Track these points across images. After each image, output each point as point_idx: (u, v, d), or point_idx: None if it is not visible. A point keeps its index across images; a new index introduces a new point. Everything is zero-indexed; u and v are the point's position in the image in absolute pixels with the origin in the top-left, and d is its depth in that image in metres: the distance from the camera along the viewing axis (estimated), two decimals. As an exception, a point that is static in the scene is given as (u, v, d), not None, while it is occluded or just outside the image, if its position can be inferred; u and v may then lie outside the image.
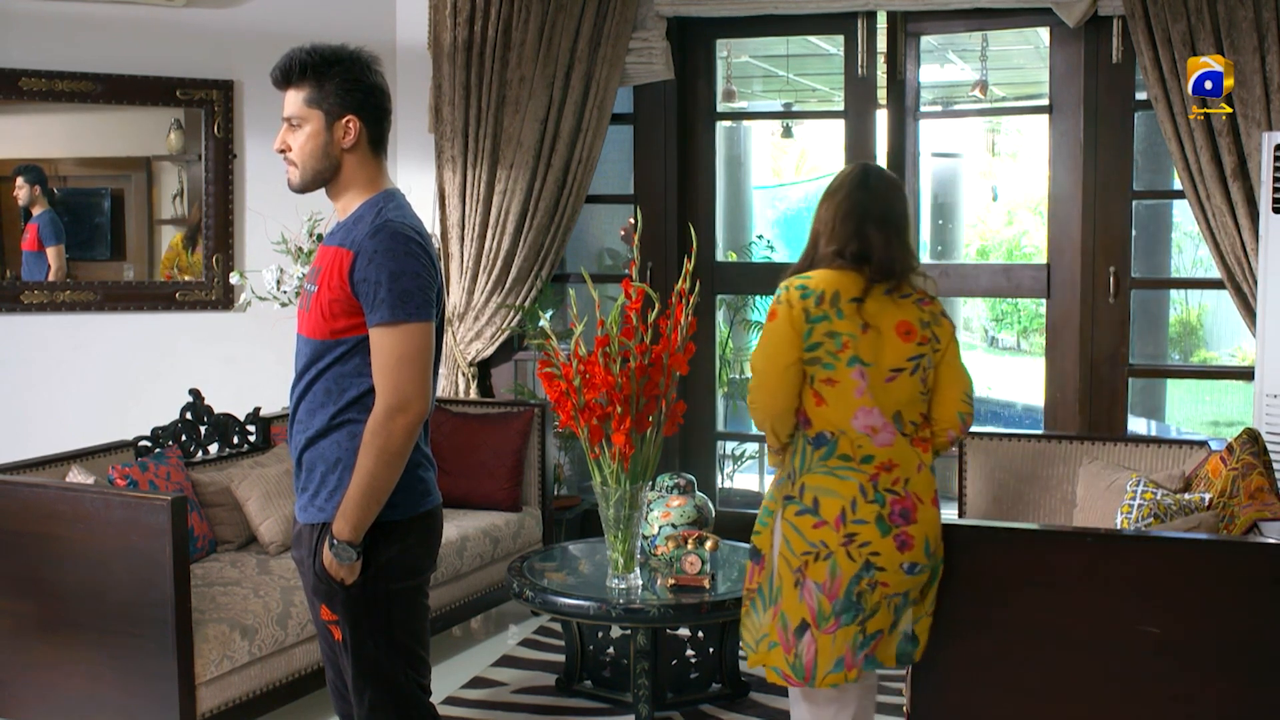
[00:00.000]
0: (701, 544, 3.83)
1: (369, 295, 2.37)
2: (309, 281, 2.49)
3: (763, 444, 7.13)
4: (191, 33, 5.27)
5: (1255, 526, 2.88)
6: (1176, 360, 7.32)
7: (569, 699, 4.02)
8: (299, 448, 2.49)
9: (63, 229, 5.21)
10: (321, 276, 2.43)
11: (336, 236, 2.47)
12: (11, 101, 5.04)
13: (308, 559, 2.48)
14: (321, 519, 2.44)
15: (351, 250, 2.40)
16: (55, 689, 3.39)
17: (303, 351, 2.48)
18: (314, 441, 2.46)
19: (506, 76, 5.41)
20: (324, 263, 2.45)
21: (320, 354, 2.44)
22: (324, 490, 2.45)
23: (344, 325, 2.41)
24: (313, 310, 2.44)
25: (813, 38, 7.00)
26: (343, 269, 2.39)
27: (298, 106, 2.48)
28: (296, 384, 2.50)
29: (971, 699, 2.90)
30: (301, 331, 2.48)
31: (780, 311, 2.81)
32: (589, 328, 3.61)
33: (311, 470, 2.47)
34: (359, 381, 2.42)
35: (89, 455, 3.93)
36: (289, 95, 2.49)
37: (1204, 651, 2.72)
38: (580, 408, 3.50)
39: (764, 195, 10.25)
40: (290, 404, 2.53)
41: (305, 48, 2.48)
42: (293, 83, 2.48)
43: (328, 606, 2.47)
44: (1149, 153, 5.45)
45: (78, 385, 5.17)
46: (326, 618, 2.48)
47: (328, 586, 2.45)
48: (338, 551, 2.39)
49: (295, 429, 2.50)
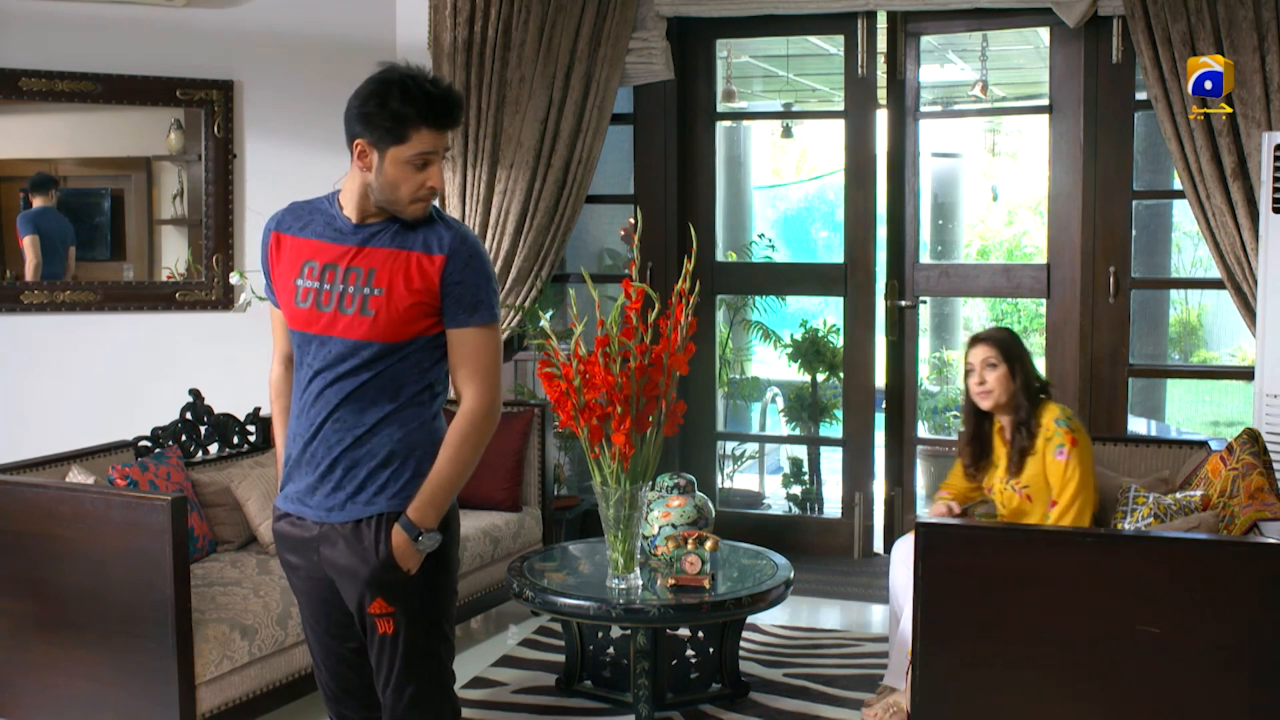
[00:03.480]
0: (701, 544, 3.83)
1: (465, 297, 2.44)
2: (355, 284, 2.44)
3: (762, 444, 7.14)
4: (191, 33, 5.27)
5: (1255, 526, 2.88)
6: (1176, 360, 7.33)
7: (569, 699, 4.02)
8: (341, 446, 2.47)
9: (48, 222, 5.18)
10: (389, 279, 2.43)
11: (385, 237, 2.46)
12: (11, 101, 5.04)
13: (365, 551, 2.46)
14: (386, 510, 2.47)
15: (441, 254, 2.43)
16: (55, 689, 3.39)
17: (346, 353, 2.45)
18: (363, 440, 2.46)
19: (506, 76, 5.41)
20: (385, 265, 2.44)
21: (381, 355, 2.44)
22: (393, 484, 2.47)
23: (422, 326, 2.45)
24: (380, 314, 2.42)
25: (813, 38, 7.00)
26: (428, 271, 2.42)
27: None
28: (334, 384, 2.46)
29: (971, 699, 2.90)
30: (350, 335, 2.44)
31: (1082, 435, 3.64)
32: (589, 328, 3.61)
33: (354, 467, 2.47)
34: (416, 378, 2.48)
35: (89, 455, 3.92)
36: (447, 134, 2.46)
37: (1204, 651, 2.72)
38: (580, 408, 3.50)
39: (764, 195, 10.26)
40: (317, 404, 2.48)
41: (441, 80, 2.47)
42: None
43: (384, 599, 2.48)
44: (1149, 153, 5.45)
45: (78, 385, 5.17)
46: (381, 610, 2.48)
47: (393, 577, 2.47)
48: (424, 540, 2.44)
49: (334, 428, 2.47)
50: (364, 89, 2.41)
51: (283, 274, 2.51)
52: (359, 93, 2.41)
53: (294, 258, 2.50)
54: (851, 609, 5.05)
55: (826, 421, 6.55)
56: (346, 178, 2.51)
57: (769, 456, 7.26)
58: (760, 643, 4.52)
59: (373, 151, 2.40)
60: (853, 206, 5.62)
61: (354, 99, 2.42)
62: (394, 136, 2.38)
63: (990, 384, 3.69)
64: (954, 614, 2.88)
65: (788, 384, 7.04)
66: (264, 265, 2.57)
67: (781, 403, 7.09)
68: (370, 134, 2.39)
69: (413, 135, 2.38)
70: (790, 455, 6.60)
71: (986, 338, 3.77)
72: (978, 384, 3.72)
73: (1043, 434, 3.63)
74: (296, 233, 2.52)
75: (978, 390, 3.73)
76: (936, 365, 8.39)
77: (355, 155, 2.43)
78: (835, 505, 5.87)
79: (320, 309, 2.45)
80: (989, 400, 3.71)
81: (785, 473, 6.41)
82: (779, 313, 6.95)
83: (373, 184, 2.43)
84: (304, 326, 2.48)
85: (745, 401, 7.35)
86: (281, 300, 2.53)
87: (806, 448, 6.53)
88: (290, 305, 2.49)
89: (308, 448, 2.50)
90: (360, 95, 2.41)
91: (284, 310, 2.53)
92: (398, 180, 2.41)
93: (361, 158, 2.42)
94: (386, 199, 2.43)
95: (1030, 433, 3.65)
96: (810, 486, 6.33)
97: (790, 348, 6.58)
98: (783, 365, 6.82)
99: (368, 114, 2.38)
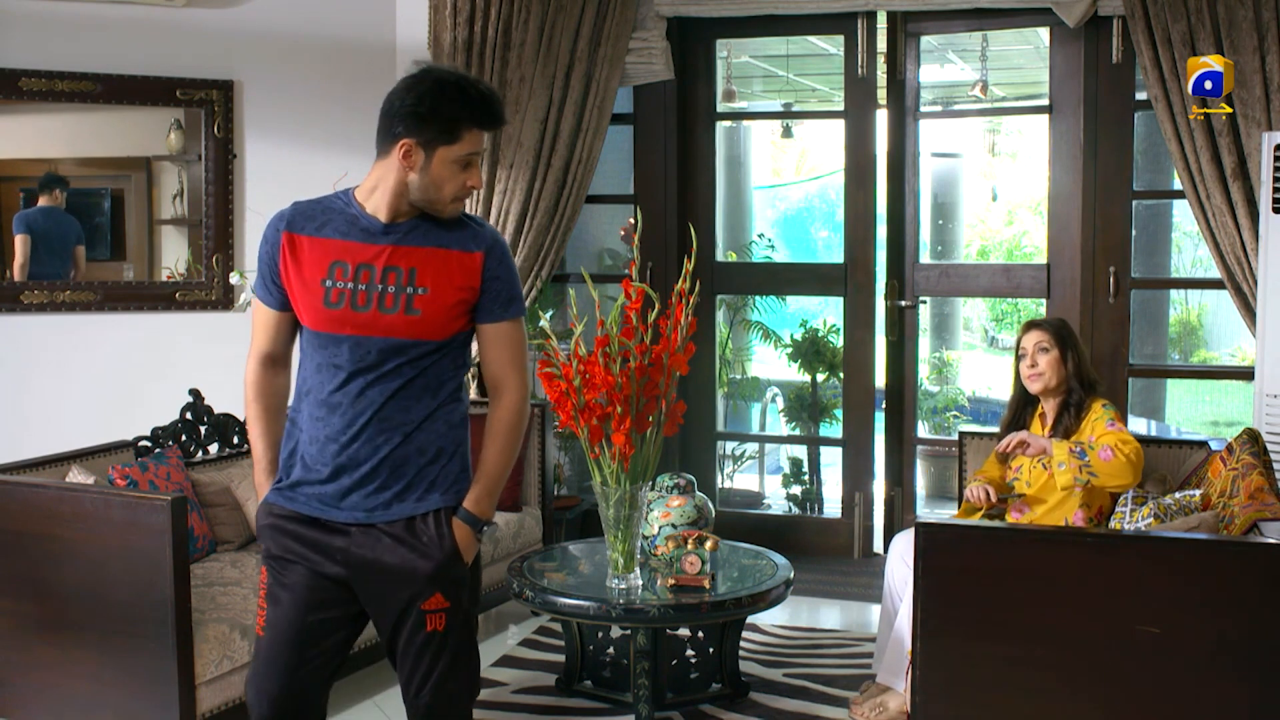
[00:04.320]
0: (701, 544, 3.83)
1: (502, 292, 2.52)
2: (397, 283, 2.44)
3: (762, 444, 7.14)
4: (191, 33, 5.27)
5: (1255, 526, 2.88)
6: (1176, 360, 7.33)
7: (569, 699, 4.02)
8: (390, 445, 2.46)
9: (44, 222, 5.18)
10: (431, 279, 2.45)
11: (420, 236, 2.47)
12: (11, 101, 5.04)
13: (426, 547, 2.46)
14: (442, 505, 2.50)
15: (479, 251, 2.48)
16: (55, 689, 3.39)
17: (390, 352, 2.45)
18: (411, 437, 2.48)
19: (506, 76, 5.41)
20: (426, 264, 2.45)
21: (427, 353, 2.48)
22: (444, 479, 2.51)
23: (462, 324, 2.51)
24: (426, 312, 2.45)
25: (813, 38, 7.00)
26: (471, 269, 2.47)
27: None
28: (376, 384, 2.46)
29: (971, 699, 2.90)
30: (395, 334, 2.45)
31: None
32: (589, 328, 3.61)
33: (403, 465, 2.48)
34: (454, 374, 2.53)
35: (89, 455, 3.92)
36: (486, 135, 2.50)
37: (1204, 651, 2.72)
38: (580, 408, 3.50)
39: (764, 195, 10.26)
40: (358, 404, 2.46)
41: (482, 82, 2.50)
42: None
43: (443, 593, 2.49)
44: (1149, 153, 5.45)
45: (78, 385, 5.17)
46: (438, 606, 2.48)
47: (456, 572, 2.49)
48: (485, 532, 2.52)
49: (380, 427, 2.46)
50: (414, 89, 2.41)
51: (304, 275, 2.46)
52: (407, 93, 2.41)
53: (319, 258, 2.46)
54: (851, 609, 5.05)
55: (826, 421, 6.55)
56: (373, 177, 2.48)
57: (769, 456, 7.27)
58: (760, 643, 4.52)
59: (419, 151, 2.41)
60: (853, 206, 5.62)
61: (401, 99, 2.41)
62: (447, 137, 2.41)
63: (1042, 366, 3.72)
64: (954, 614, 2.88)
65: (788, 384, 7.04)
66: (270, 265, 2.50)
67: (781, 403, 7.09)
68: (421, 134, 2.40)
69: (465, 136, 2.42)
70: (790, 455, 6.61)
71: (1040, 323, 3.81)
72: (1029, 367, 3.75)
73: (1090, 417, 3.66)
74: (314, 233, 2.47)
75: (1029, 373, 3.75)
76: (936, 365, 8.40)
77: (400, 155, 2.41)
78: (835, 505, 5.87)
79: (357, 309, 2.44)
80: (1039, 383, 3.73)
81: (785, 473, 6.42)
82: (779, 313, 6.95)
83: (414, 183, 2.43)
84: (335, 328, 2.45)
85: (745, 401, 7.36)
86: (302, 301, 2.48)
87: (806, 448, 6.53)
88: (316, 307, 2.46)
89: (346, 450, 2.47)
90: (410, 95, 2.40)
91: (305, 312, 2.48)
92: (443, 180, 2.43)
93: (407, 157, 2.41)
94: (427, 198, 2.45)
95: (1077, 414, 3.68)
96: (810, 486, 6.33)
97: (790, 348, 6.59)
98: (783, 365, 6.83)
99: (421, 114, 2.39)
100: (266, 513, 2.56)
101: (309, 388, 2.51)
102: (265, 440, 2.61)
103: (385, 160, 2.45)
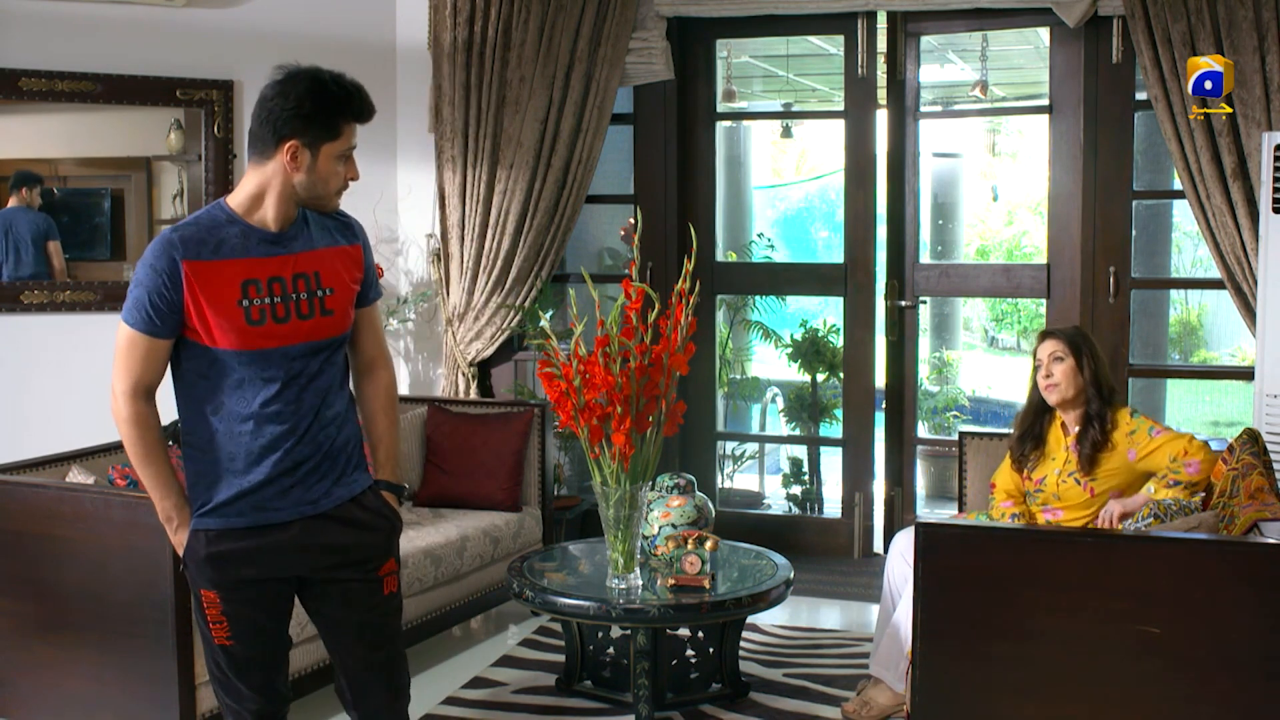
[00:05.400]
0: (701, 544, 3.83)
1: (372, 278, 2.72)
2: (307, 289, 2.52)
3: (762, 444, 7.14)
4: (191, 33, 5.27)
5: (1255, 526, 2.88)
6: (1176, 360, 7.32)
7: (569, 699, 4.02)
8: (330, 440, 2.59)
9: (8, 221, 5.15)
10: (333, 278, 2.57)
11: (309, 239, 2.55)
12: (11, 101, 5.04)
13: (377, 519, 2.66)
14: (372, 480, 2.71)
15: (359, 242, 2.66)
16: (55, 689, 3.39)
17: (311, 354, 2.54)
18: (341, 426, 2.63)
19: (506, 76, 5.41)
20: (326, 265, 2.56)
21: (337, 347, 2.61)
22: (359, 458, 2.69)
23: (354, 312, 2.66)
24: (337, 310, 2.57)
25: (813, 38, 7.00)
26: (357, 260, 2.64)
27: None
28: (309, 387, 2.54)
29: (971, 699, 2.90)
30: (315, 336, 2.53)
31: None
32: (589, 328, 3.61)
33: (338, 454, 2.62)
34: (345, 361, 2.70)
35: (89, 455, 3.92)
36: (358, 128, 2.56)
37: (1204, 651, 2.72)
38: (580, 408, 3.50)
39: (764, 195, 10.26)
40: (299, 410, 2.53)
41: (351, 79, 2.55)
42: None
43: (395, 557, 2.71)
44: (1149, 153, 5.45)
45: (78, 385, 5.16)
46: (391, 569, 2.69)
47: (397, 535, 2.73)
48: (406, 495, 2.76)
49: (319, 425, 2.56)
50: (289, 92, 2.43)
51: (214, 302, 2.44)
52: (284, 96, 2.43)
53: (226, 281, 2.45)
54: (851, 609, 5.05)
55: (826, 421, 6.55)
56: (251, 185, 2.49)
57: (769, 456, 7.27)
58: (760, 643, 4.52)
59: (305, 151, 2.46)
60: (853, 206, 5.62)
61: (280, 102, 2.43)
62: (330, 133, 2.47)
63: (1057, 377, 3.66)
64: (954, 614, 2.88)
65: (788, 384, 7.04)
66: (164, 296, 2.44)
67: (781, 403, 7.09)
68: (305, 134, 2.45)
69: (344, 130, 2.49)
70: (790, 455, 6.60)
71: (1055, 332, 3.75)
72: (1044, 377, 3.68)
73: (1122, 428, 3.60)
74: (211, 256, 2.45)
75: (1045, 384, 3.69)
76: (936, 365, 8.40)
77: (287, 157, 2.45)
78: (835, 505, 5.87)
79: (279, 322, 2.49)
80: (1056, 394, 3.67)
81: (785, 473, 6.42)
82: (779, 313, 6.95)
83: (301, 182, 2.48)
84: (260, 344, 2.47)
85: (745, 401, 7.35)
86: (217, 326, 2.45)
87: (806, 448, 6.53)
88: (239, 328, 2.45)
89: (290, 453, 2.52)
90: (289, 98, 2.43)
91: (223, 335, 2.46)
92: (328, 175, 2.50)
93: (294, 159, 2.45)
94: (315, 194, 2.52)
95: (1103, 428, 3.61)
96: (810, 486, 6.33)
97: (790, 348, 6.59)
98: (783, 365, 6.82)
99: (304, 114, 2.43)
100: (203, 544, 2.55)
101: (218, 405, 2.52)
102: (169, 469, 2.61)
103: (265, 165, 2.47)
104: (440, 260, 5.64)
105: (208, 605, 2.56)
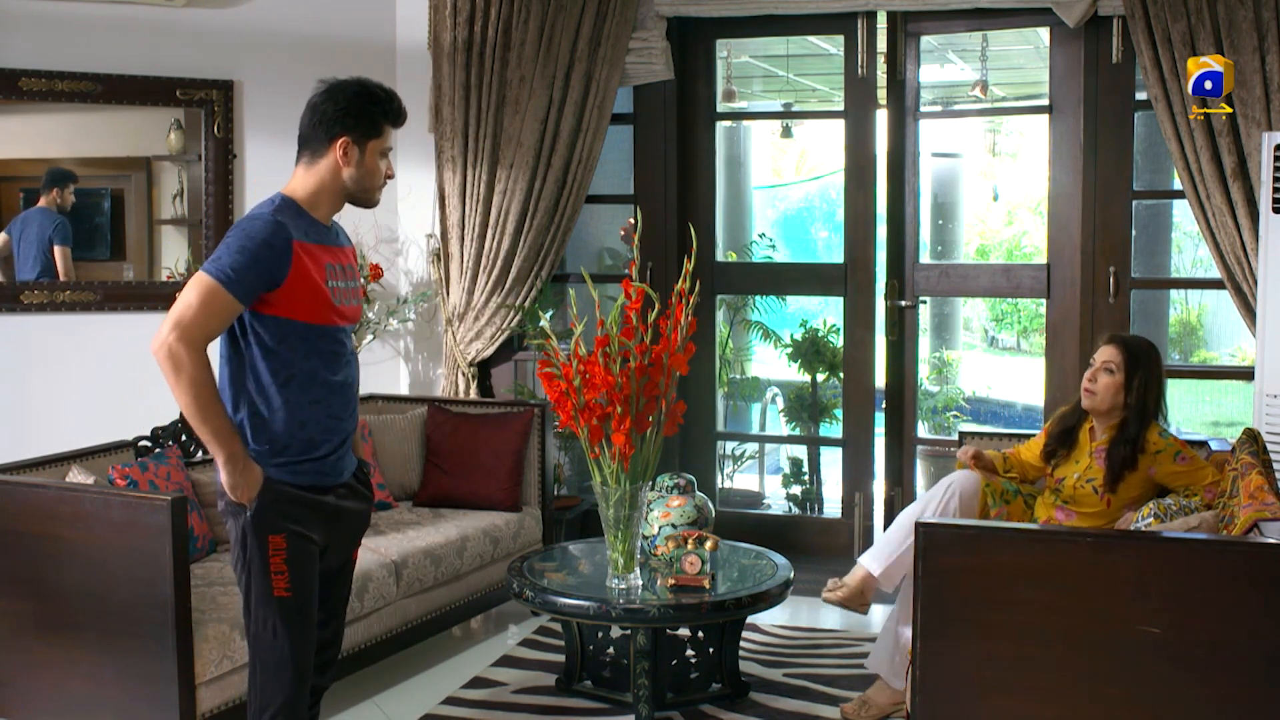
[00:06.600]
0: (701, 544, 3.83)
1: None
2: (350, 278, 2.85)
3: (762, 444, 7.14)
4: (191, 33, 5.27)
5: (1255, 526, 2.88)
6: (1176, 360, 7.32)
7: (569, 699, 4.02)
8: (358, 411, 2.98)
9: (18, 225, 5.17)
10: (355, 269, 2.92)
11: (333, 237, 2.86)
12: (11, 101, 5.04)
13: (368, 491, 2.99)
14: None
15: (351, 244, 2.97)
16: (55, 689, 3.39)
17: (350, 336, 2.87)
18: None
19: (506, 76, 5.41)
20: (350, 260, 2.89)
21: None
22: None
23: None
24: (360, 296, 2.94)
25: (813, 38, 7.00)
26: (355, 257, 2.97)
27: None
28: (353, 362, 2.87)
29: (971, 699, 2.90)
30: (355, 320, 2.88)
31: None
32: (589, 328, 3.61)
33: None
34: None
35: (89, 455, 3.92)
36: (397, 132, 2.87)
37: (1204, 651, 2.71)
38: (580, 408, 3.50)
39: (764, 195, 10.26)
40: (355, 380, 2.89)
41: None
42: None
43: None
44: (1149, 153, 5.45)
45: (78, 385, 5.17)
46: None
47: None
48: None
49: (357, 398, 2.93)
50: (337, 97, 2.72)
51: (314, 278, 2.70)
52: (333, 101, 2.71)
53: (318, 263, 2.72)
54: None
55: (826, 421, 6.55)
56: (310, 182, 2.77)
57: (769, 456, 7.27)
58: (760, 643, 4.52)
59: (355, 147, 2.73)
60: (853, 206, 5.62)
61: (331, 105, 2.71)
62: (374, 130, 2.75)
63: (1098, 387, 3.62)
64: (954, 614, 2.88)
65: (788, 384, 7.04)
66: (271, 270, 2.65)
67: (781, 403, 7.09)
68: (355, 130, 2.72)
69: (385, 129, 2.79)
70: (790, 455, 6.60)
71: (1119, 340, 3.67)
72: (1089, 380, 3.64)
73: (1149, 448, 3.56)
74: (305, 240, 2.71)
75: (1084, 386, 3.66)
76: (936, 365, 8.40)
77: (339, 153, 2.72)
78: (835, 505, 5.87)
79: (347, 304, 2.82)
80: (1089, 401, 3.64)
81: (785, 473, 6.42)
82: (779, 313, 6.95)
83: (350, 177, 2.75)
84: (347, 321, 2.81)
85: (745, 401, 7.36)
86: (306, 301, 2.69)
87: (806, 448, 6.53)
88: (327, 304, 2.73)
89: (347, 422, 2.83)
90: (338, 101, 2.71)
91: (310, 310, 2.70)
92: (374, 169, 2.78)
93: (345, 154, 2.72)
94: (363, 188, 2.79)
95: (1133, 451, 3.56)
96: (810, 486, 6.33)
97: (790, 348, 6.59)
98: (783, 365, 6.82)
99: (353, 113, 2.71)
100: (274, 491, 2.74)
101: (293, 374, 2.71)
102: (227, 415, 2.73)
103: (318, 163, 2.74)
104: (440, 260, 5.65)
105: (273, 552, 2.71)
